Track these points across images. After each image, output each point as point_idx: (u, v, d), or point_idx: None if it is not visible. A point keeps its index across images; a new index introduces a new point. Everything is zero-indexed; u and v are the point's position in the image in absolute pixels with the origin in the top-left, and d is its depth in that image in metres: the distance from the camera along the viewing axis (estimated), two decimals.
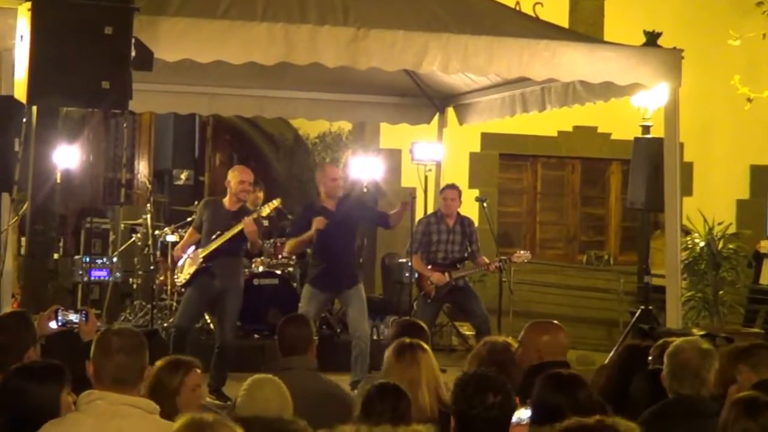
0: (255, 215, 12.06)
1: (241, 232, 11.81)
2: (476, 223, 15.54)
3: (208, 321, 14.24)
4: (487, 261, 13.17)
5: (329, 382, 7.33)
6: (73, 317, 7.02)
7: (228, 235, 11.91)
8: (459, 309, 13.31)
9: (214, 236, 12.00)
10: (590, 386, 6.01)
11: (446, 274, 12.79)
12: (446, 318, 15.27)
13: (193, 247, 12.34)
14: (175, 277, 12.85)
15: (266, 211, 13.19)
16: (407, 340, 6.66)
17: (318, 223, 11.99)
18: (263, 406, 5.54)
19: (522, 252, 13.98)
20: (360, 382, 11.03)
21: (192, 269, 12.15)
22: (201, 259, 12.08)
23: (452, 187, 13.30)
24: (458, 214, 13.29)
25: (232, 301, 12.15)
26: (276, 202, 13.16)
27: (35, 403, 5.40)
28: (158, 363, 6.13)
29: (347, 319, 12.41)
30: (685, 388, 6.19)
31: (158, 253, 13.97)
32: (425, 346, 6.58)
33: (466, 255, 13.19)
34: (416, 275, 13.27)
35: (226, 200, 12.36)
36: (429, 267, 12.93)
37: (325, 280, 12.23)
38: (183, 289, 12.50)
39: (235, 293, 12.19)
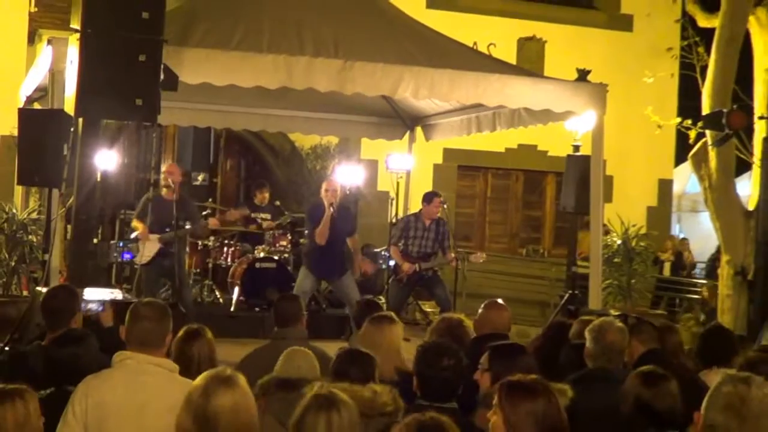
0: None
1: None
2: None
3: (218, 295, 14.18)
4: (453, 256, 13.05)
5: (316, 348, 7.22)
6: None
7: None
8: (427, 292, 13.22)
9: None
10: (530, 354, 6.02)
11: (416, 265, 12.69)
12: (412, 297, 15.19)
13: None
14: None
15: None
16: (382, 312, 6.62)
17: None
18: (296, 371, 5.44)
19: (479, 254, 13.91)
20: None
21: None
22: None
23: (439, 195, 13.18)
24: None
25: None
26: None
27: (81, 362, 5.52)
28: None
29: (347, 299, 12.21)
30: (612, 363, 6.17)
31: None
32: (395, 318, 6.49)
33: (436, 250, 13.08)
34: (393, 263, 13.20)
35: (163, 192, 12.51)
36: (403, 258, 12.82)
37: (320, 267, 12.14)
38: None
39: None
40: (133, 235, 12.86)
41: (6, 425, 4.13)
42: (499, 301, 7.67)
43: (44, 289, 8.93)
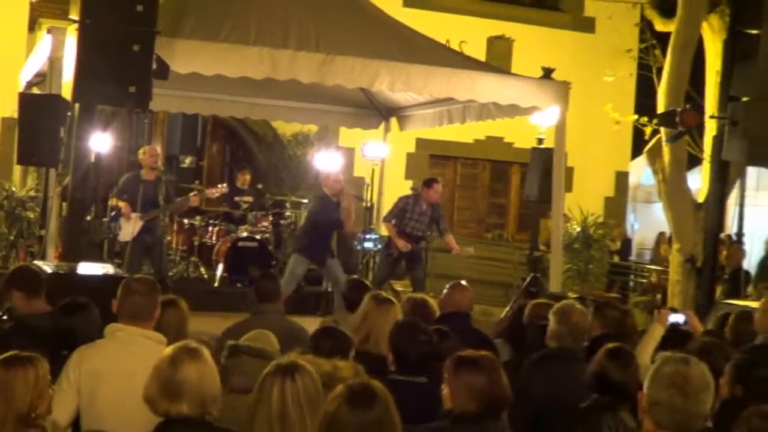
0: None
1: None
2: None
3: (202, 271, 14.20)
4: (452, 243, 13.05)
5: (293, 323, 7.26)
6: None
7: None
8: (407, 267, 13.20)
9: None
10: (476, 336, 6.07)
11: (410, 244, 12.68)
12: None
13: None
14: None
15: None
16: (384, 294, 6.54)
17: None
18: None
19: (467, 249, 13.92)
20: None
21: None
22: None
23: (438, 182, 13.10)
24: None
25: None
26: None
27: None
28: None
29: (335, 279, 12.13)
30: (576, 343, 6.19)
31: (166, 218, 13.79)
32: (394, 300, 6.41)
33: (427, 233, 13.10)
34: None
35: (143, 172, 12.48)
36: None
37: (314, 253, 12.02)
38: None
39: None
40: (114, 214, 12.79)
41: (18, 390, 4.13)
42: (463, 282, 7.70)
43: (45, 265, 8.96)
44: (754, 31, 10.15)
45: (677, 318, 7.20)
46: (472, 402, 4.19)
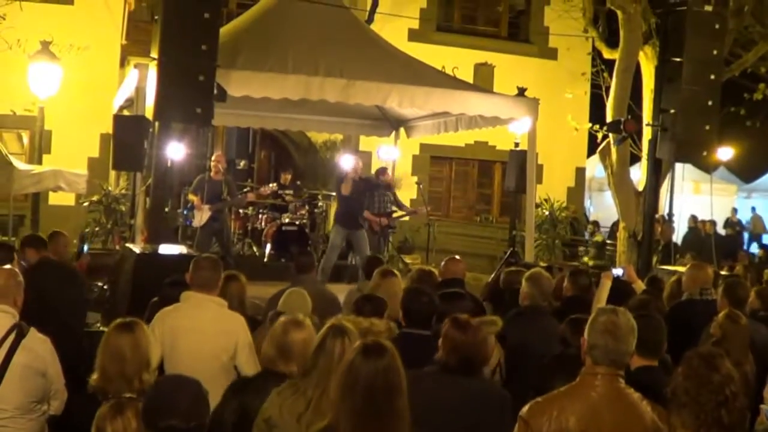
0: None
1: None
2: (415, 196, 15.69)
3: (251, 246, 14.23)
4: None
5: (324, 288, 7.29)
6: None
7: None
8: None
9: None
10: (470, 298, 6.07)
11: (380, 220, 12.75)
12: (395, 252, 15.25)
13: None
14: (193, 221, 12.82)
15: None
16: (387, 266, 6.53)
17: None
18: (292, 306, 5.46)
19: (420, 209, 13.94)
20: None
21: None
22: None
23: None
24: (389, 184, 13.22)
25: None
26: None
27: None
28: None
29: (359, 251, 12.04)
30: (544, 301, 6.21)
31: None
32: (396, 272, 6.39)
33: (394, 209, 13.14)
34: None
35: (211, 174, 12.47)
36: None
37: (345, 220, 12.02)
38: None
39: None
40: (189, 206, 12.91)
41: (125, 350, 4.11)
42: (457, 256, 7.69)
43: (135, 247, 9.04)
44: (678, 59, 10.13)
45: (617, 271, 7.27)
46: (455, 356, 4.20)
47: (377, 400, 3.20)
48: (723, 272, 9.90)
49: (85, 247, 11.71)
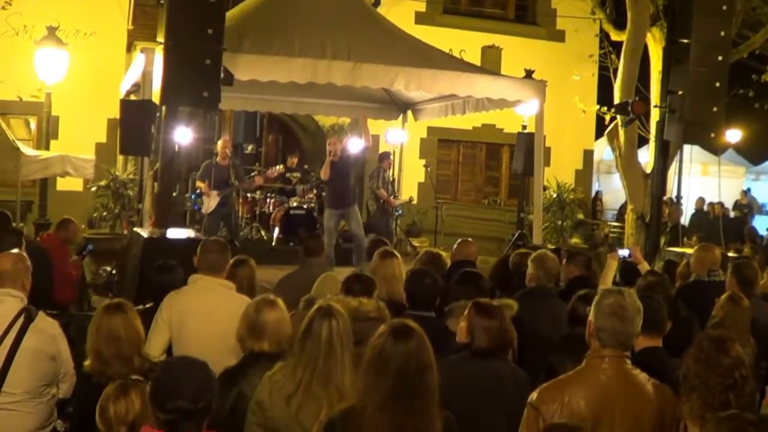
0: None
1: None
2: (423, 179, 15.65)
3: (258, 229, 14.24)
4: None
5: (335, 273, 7.25)
6: None
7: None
8: None
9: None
10: (486, 279, 6.07)
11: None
12: (404, 234, 15.26)
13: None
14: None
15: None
16: (388, 248, 6.51)
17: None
18: (325, 291, 5.43)
19: (391, 200, 13.89)
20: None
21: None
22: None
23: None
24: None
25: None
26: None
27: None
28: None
29: (353, 231, 11.99)
30: (549, 282, 6.20)
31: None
32: (396, 253, 6.34)
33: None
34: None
35: (218, 159, 12.48)
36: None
37: (333, 199, 11.90)
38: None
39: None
40: (197, 192, 12.94)
41: (119, 330, 4.19)
42: (469, 239, 7.71)
43: (143, 231, 9.06)
44: (686, 41, 10.07)
45: (624, 252, 7.27)
46: (484, 338, 4.21)
47: (410, 381, 3.23)
48: (731, 254, 9.86)
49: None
